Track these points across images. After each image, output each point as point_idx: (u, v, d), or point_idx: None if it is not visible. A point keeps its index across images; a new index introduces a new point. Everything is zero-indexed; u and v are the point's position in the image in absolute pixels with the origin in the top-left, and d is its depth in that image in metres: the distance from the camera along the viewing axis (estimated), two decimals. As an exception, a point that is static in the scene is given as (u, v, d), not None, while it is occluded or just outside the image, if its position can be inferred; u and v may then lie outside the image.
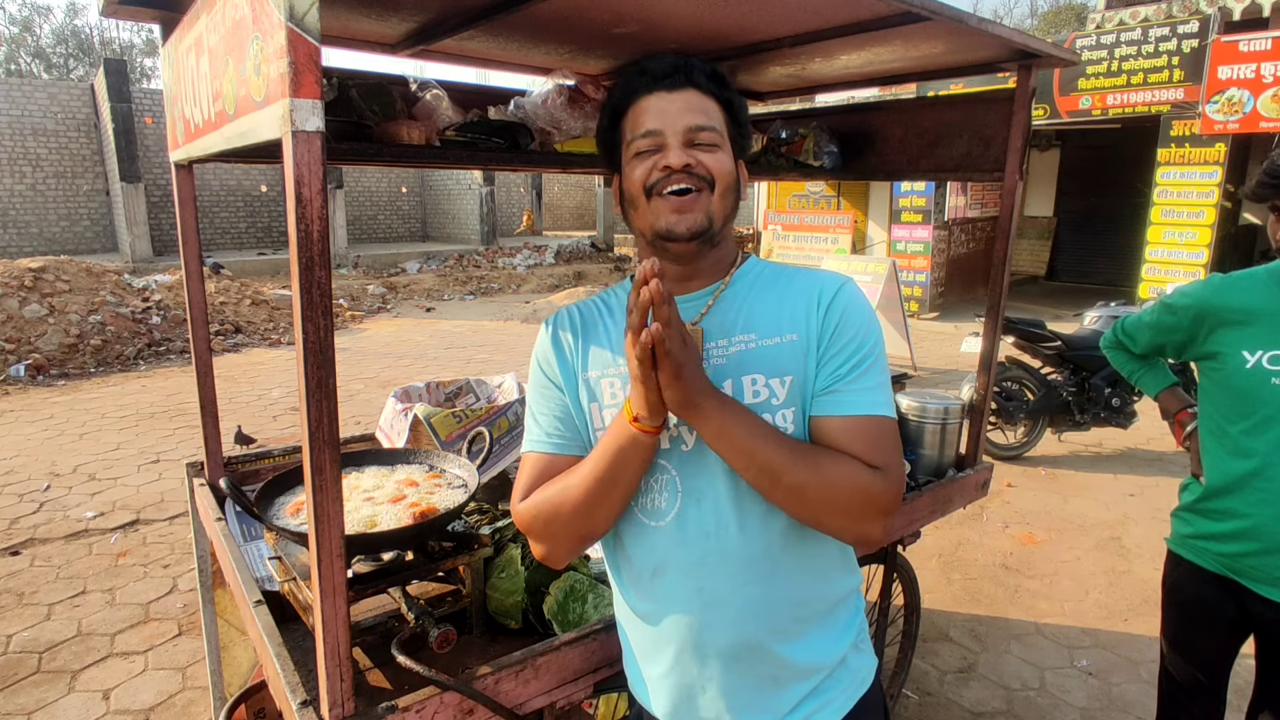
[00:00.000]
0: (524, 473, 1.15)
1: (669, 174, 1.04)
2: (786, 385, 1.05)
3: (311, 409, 1.00)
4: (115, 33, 29.02)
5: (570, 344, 1.16)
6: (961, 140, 2.41)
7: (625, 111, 1.09)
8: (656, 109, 1.05)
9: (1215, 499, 1.73)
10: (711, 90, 1.08)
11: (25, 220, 14.15)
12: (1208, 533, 1.75)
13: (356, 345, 9.25)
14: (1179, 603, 1.86)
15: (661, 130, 1.05)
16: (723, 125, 1.08)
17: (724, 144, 1.07)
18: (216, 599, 2.26)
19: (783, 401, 1.05)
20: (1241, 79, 8.46)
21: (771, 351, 1.07)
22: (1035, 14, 30.49)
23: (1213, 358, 1.71)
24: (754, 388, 1.06)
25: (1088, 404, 5.18)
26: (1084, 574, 3.75)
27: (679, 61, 1.07)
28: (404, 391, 2.39)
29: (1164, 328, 1.83)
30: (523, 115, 1.94)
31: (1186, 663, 1.85)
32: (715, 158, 1.05)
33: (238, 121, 1.16)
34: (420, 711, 1.20)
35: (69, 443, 5.64)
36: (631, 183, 1.08)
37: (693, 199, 1.04)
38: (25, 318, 7.90)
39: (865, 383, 1.05)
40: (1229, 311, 1.66)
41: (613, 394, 1.11)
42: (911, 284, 10.86)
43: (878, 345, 1.08)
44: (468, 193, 17.99)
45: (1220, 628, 1.78)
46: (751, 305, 1.11)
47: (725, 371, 1.07)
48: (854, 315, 1.08)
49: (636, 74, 1.08)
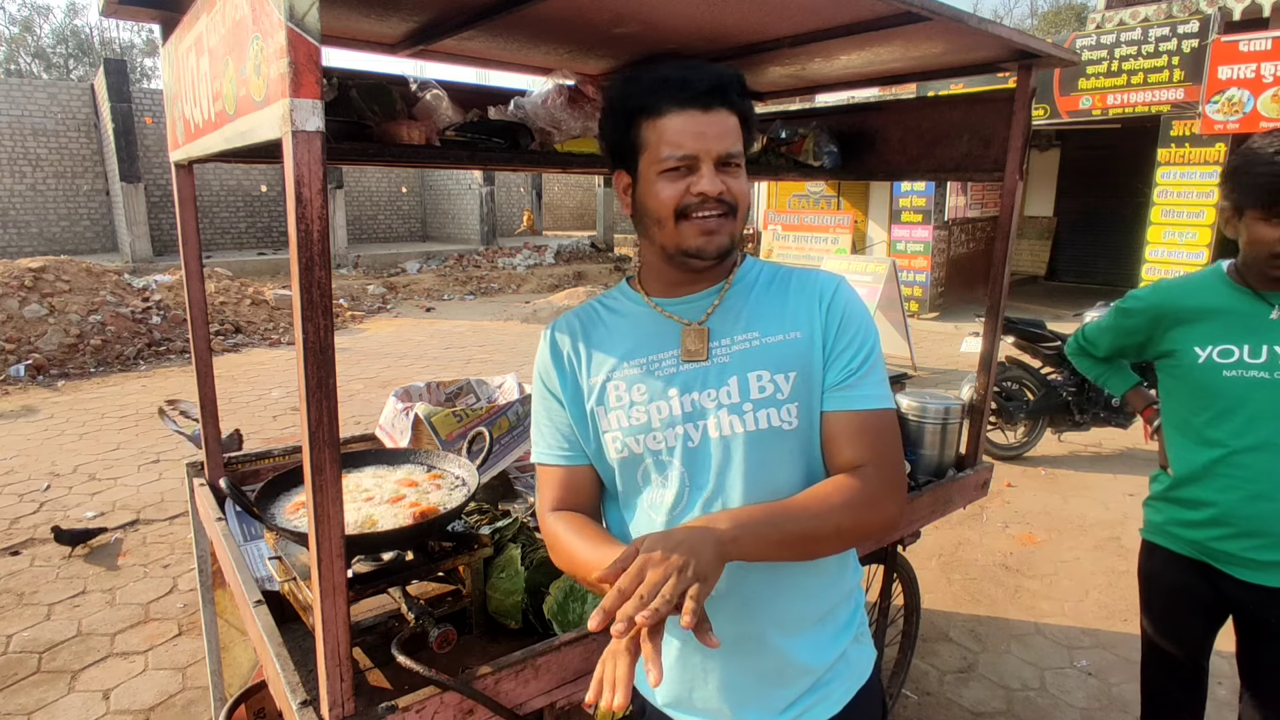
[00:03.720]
0: (542, 484, 1.20)
1: (702, 200, 1.05)
2: (791, 381, 1.08)
3: (311, 409, 1.00)
4: (115, 33, 29.04)
5: (569, 352, 1.18)
6: (961, 140, 2.41)
7: (649, 118, 1.06)
8: (693, 131, 1.04)
9: (1184, 488, 1.79)
10: (737, 106, 1.07)
11: (25, 220, 14.15)
12: (1180, 519, 1.81)
13: (356, 345, 9.25)
14: (1157, 590, 1.91)
15: (698, 156, 1.04)
16: (741, 144, 1.08)
17: (743, 164, 1.09)
18: (216, 599, 2.26)
19: (787, 396, 1.08)
20: (1241, 79, 8.46)
21: (776, 348, 1.10)
22: (1035, 14, 30.52)
23: (1169, 356, 1.79)
24: (759, 383, 1.08)
25: (1087, 404, 5.18)
26: (1084, 574, 3.75)
27: (720, 80, 1.05)
28: (405, 391, 2.39)
29: (1122, 330, 1.92)
30: (523, 115, 1.94)
31: (1167, 647, 1.90)
32: (739, 182, 1.08)
33: (238, 121, 1.16)
34: (420, 711, 1.20)
35: (69, 443, 5.64)
36: (659, 202, 1.07)
37: (720, 223, 1.07)
38: (25, 318, 7.90)
39: (873, 378, 1.10)
40: (1180, 311, 1.76)
41: (618, 396, 1.12)
42: (911, 284, 10.86)
43: (877, 340, 1.14)
44: (468, 193, 17.98)
45: (1198, 611, 1.83)
46: (754, 304, 1.13)
47: (730, 368, 1.09)
48: (855, 313, 1.12)
49: (673, 83, 1.04)
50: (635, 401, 1.11)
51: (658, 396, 1.11)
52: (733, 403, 1.08)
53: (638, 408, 1.11)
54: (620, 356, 1.14)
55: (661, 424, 1.10)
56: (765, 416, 1.08)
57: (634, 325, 1.17)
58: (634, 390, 1.12)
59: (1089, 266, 13.98)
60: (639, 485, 1.14)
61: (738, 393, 1.08)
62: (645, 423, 1.11)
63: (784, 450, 1.09)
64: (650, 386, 1.11)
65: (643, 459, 1.12)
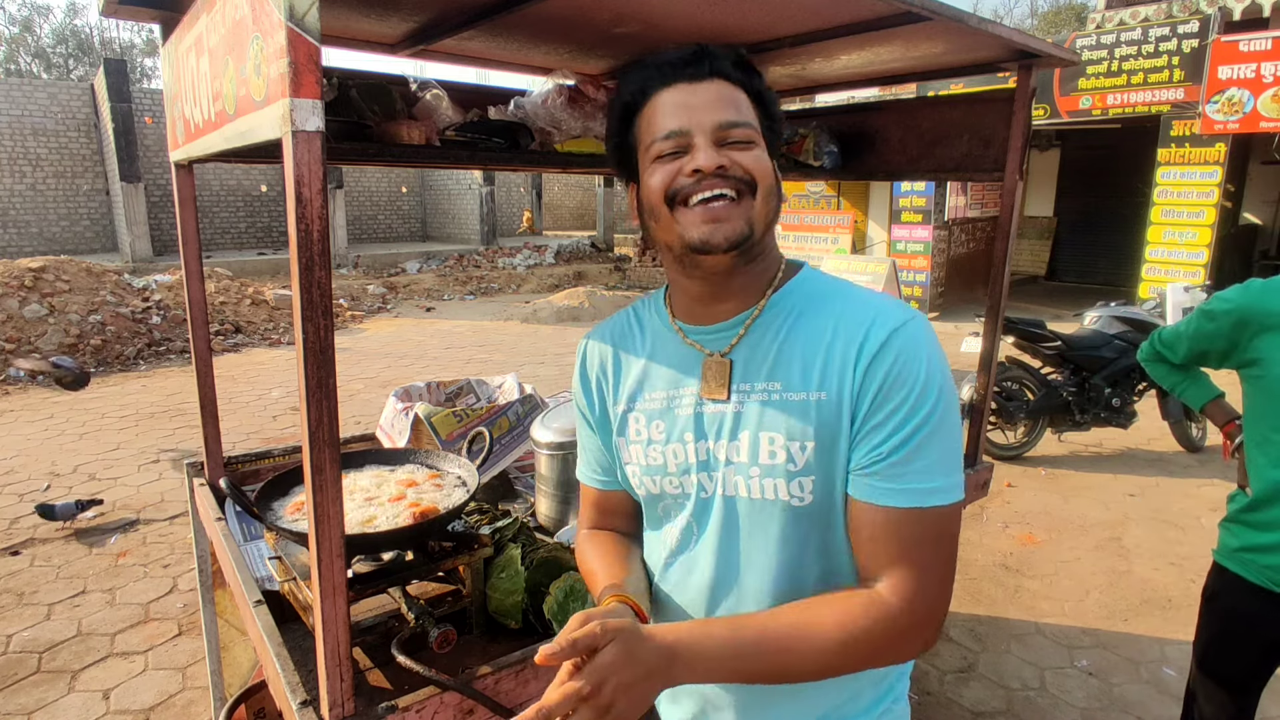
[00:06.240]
0: (582, 500, 1.17)
1: (699, 179, 0.88)
2: (808, 451, 0.89)
3: (311, 409, 1.00)
4: (115, 33, 29.04)
5: (598, 374, 1.09)
6: (961, 140, 2.41)
7: (639, 109, 0.93)
8: (678, 104, 0.89)
9: (1261, 510, 1.67)
10: (740, 80, 0.92)
11: (25, 220, 14.15)
12: (1254, 545, 1.69)
13: (356, 345, 9.25)
14: (1218, 611, 1.78)
15: (687, 129, 0.88)
16: (756, 120, 0.92)
17: (760, 140, 0.91)
18: (216, 599, 2.26)
19: (800, 469, 0.90)
20: (1241, 79, 8.47)
21: (797, 409, 0.90)
22: (1035, 14, 30.52)
23: (1255, 364, 1.65)
24: (770, 447, 0.91)
25: (1088, 404, 5.17)
26: (1084, 574, 3.75)
27: (701, 47, 0.91)
28: (405, 391, 2.39)
29: (1204, 335, 1.77)
30: (523, 115, 1.94)
31: (1219, 674, 1.78)
32: (753, 155, 0.90)
33: (238, 121, 1.16)
34: (420, 711, 1.20)
35: (69, 443, 5.64)
36: (650, 191, 0.92)
37: (729, 206, 0.88)
38: (25, 318, 7.90)
39: (914, 465, 0.85)
40: (1271, 316, 1.60)
41: (637, 431, 1.03)
42: (911, 284, 10.86)
43: (937, 410, 0.86)
44: (468, 193, 17.99)
45: (1259, 641, 1.72)
46: (787, 341, 0.93)
47: (745, 420, 0.94)
48: (908, 373, 0.86)
49: (651, 65, 0.92)
50: (653, 440, 1.01)
51: (674, 438, 0.99)
52: (740, 462, 0.94)
53: (655, 447, 1.01)
54: (642, 385, 1.03)
55: (677, 469, 0.99)
56: (772, 487, 0.92)
57: (660, 348, 1.04)
58: (653, 427, 1.01)
59: (1089, 266, 13.99)
60: (659, 519, 1.07)
61: (747, 453, 0.93)
62: (661, 464, 1.01)
63: (793, 529, 0.93)
64: (668, 425, 1.00)
65: (661, 498, 1.04)
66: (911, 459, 0.85)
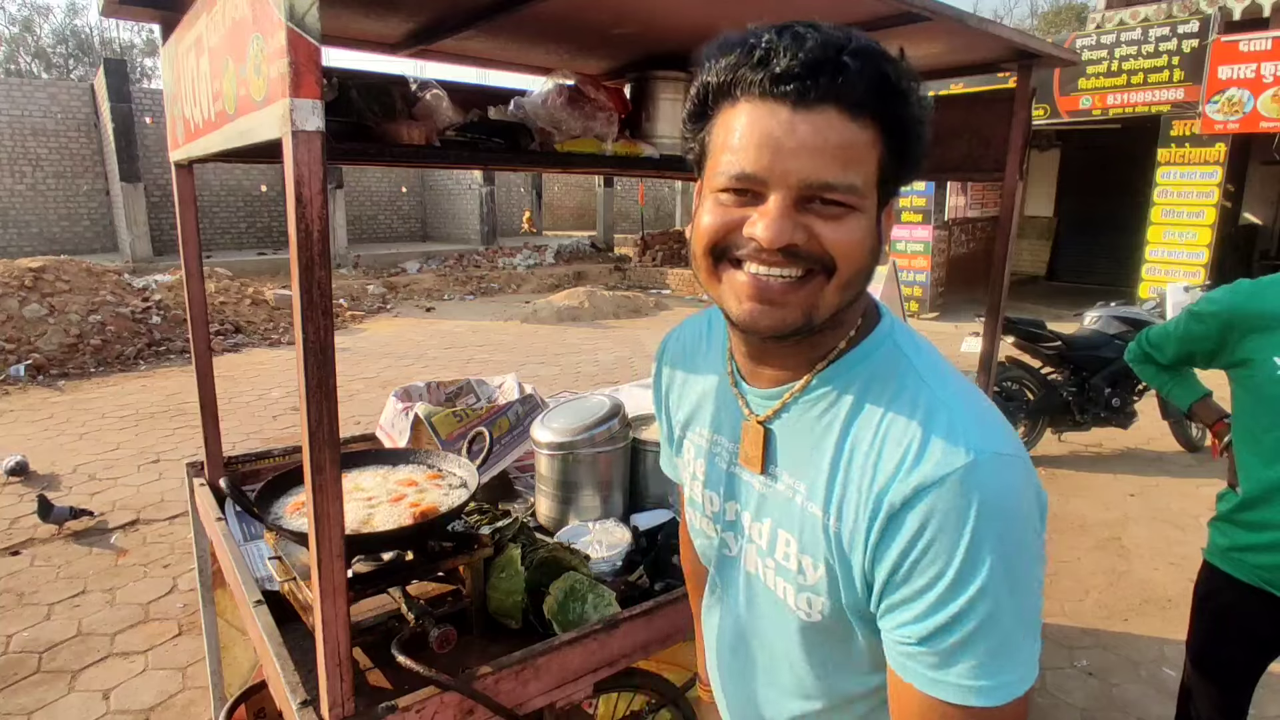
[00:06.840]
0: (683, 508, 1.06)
1: (757, 250, 0.68)
2: (819, 572, 0.76)
3: (311, 409, 1.00)
4: (115, 33, 29.03)
5: (667, 383, 1.03)
6: (961, 140, 2.41)
7: (718, 107, 0.70)
8: (764, 134, 0.65)
9: (1251, 509, 1.67)
10: (873, 110, 0.65)
11: (25, 220, 14.15)
12: (1244, 544, 1.69)
13: (356, 345, 9.24)
14: (1210, 610, 1.79)
15: (764, 178, 0.66)
16: (873, 172, 0.67)
17: (865, 204, 0.68)
18: (216, 599, 2.26)
19: (810, 585, 0.77)
20: (1241, 79, 8.47)
21: (812, 524, 0.76)
22: (1035, 14, 30.52)
23: (1243, 365, 1.65)
24: (785, 549, 0.80)
25: (1088, 404, 5.17)
26: (1084, 574, 3.75)
27: (823, 56, 0.63)
28: (405, 391, 2.39)
29: (1191, 337, 1.77)
30: (523, 115, 1.94)
31: (1211, 673, 1.78)
32: (844, 229, 0.67)
33: (238, 121, 1.17)
34: (420, 711, 1.20)
35: (69, 443, 5.64)
36: (699, 231, 0.72)
37: (788, 289, 0.69)
38: (25, 318, 7.90)
39: (956, 662, 0.66)
40: (1258, 317, 1.60)
41: (686, 460, 0.98)
42: (911, 284, 10.86)
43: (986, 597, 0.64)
44: (468, 193, 17.99)
45: (1252, 640, 1.72)
46: (823, 435, 0.76)
47: (767, 508, 0.82)
48: (941, 549, 0.65)
49: (749, 51, 0.67)
50: (696, 475, 0.94)
51: (710, 485, 0.91)
52: (760, 546, 0.84)
53: (696, 483, 0.95)
54: (695, 415, 0.95)
55: (712, 515, 0.92)
56: (783, 589, 0.81)
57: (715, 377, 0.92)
58: (697, 464, 0.94)
59: (1089, 266, 13.99)
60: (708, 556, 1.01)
61: (766, 541, 0.83)
62: (700, 503, 0.95)
63: (805, 637, 0.82)
64: (708, 470, 0.92)
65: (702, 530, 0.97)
66: (954, 654, 0.66)
